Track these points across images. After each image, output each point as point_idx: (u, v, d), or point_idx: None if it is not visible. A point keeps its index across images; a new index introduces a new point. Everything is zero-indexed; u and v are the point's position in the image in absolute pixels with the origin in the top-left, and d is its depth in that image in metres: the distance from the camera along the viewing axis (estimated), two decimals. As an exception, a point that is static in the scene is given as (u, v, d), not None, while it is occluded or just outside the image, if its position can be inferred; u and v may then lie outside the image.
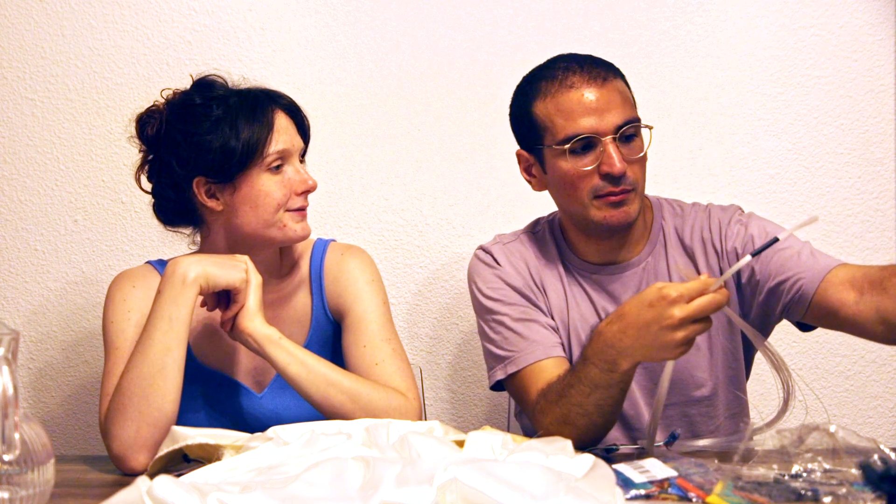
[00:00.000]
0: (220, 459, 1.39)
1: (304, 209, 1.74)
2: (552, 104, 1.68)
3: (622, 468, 1.32)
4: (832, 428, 1.31)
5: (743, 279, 1.71)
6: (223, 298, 1.66)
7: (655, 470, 1.32)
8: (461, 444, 1.37)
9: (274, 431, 1.40)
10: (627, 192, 1.67)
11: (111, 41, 2.28)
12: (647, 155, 1.71)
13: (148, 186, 1.78)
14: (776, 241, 1.45)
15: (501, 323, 1.73)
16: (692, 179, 2.31)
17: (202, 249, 1.79)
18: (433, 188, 2.31)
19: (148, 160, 1.76)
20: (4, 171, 2.28)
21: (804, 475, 1.27)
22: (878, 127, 2.33)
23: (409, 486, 1.14)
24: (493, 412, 2.32)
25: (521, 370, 1.68)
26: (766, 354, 1.45)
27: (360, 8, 2.30)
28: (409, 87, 2.30)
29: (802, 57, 2.32)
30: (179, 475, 1.24)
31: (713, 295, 1.36)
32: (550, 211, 1.87)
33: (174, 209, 1.76)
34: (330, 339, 1.80)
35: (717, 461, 1.35)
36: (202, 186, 1.70)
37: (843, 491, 1.21)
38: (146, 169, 1.76)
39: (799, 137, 2.33)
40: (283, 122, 1.72)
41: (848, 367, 2.35)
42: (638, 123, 1.69)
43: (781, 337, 2.15)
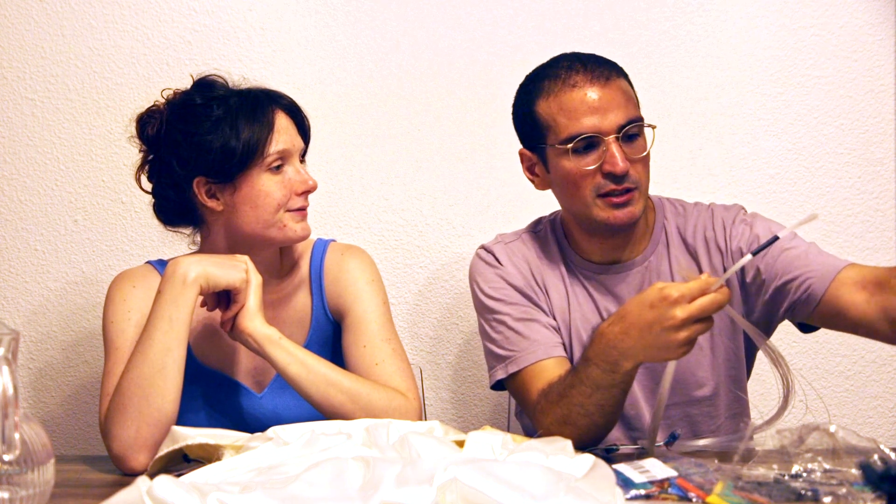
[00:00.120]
0: (220, 459, 1.39)
1: (304, 209, 1.74)
2: (555, 103, 1.68)
3: (622, 468, 1.32)
4: (832, 428, 1.31)
5: (747, 278, 1.70)
6: (223, 298, 1.66)
7: (655, 470, 1.32)
8: (461, 444, 1.37)
9: (274, 431, 1.40)
10: (630, 191, 1.66)
11: (111, 41, 2.28)
12: (650, 154, 1.70)
13: (148, 186, 1.78)
14: (776, 239, 1.45)
15: (503, 322, 1.73)
16: (692, 179, 2.31)
17: (202, 249, 1.79)
18: (433, 188, 2.31)
19: (148, 160, 1.76)
20: (4, 171, 2.28)
21: (804, 475, 1.27)
22: (878, 127, 2.33)
23: (409, 486, 1.14)
24: (493, 412, 2.32)
25: (521, 370, 1.68)
26: (767, 353, 1.45)
27: (360, 8, 2.30)
28: (409, 87, 2.30)
29: (802, 57, 2.32)
30: (179, 475, 1.24)
31: (714, 295, 1.36)
32: (551, 210, 1.87)
33: (174, 209, 1.76)
34: (330, 339, 1.80)
35: (717, 461, 1.35)
36: (202, 186, 1.70)
37: (843, 491, 1.21)
38: (146, 169, 1.76)
39: (799, 137, 2.33)
40: (283, 122, 1.72)
41: (848, 367, 2.35)
42: (641, 123, 1.69)
43: (782, 337, 2.14)
